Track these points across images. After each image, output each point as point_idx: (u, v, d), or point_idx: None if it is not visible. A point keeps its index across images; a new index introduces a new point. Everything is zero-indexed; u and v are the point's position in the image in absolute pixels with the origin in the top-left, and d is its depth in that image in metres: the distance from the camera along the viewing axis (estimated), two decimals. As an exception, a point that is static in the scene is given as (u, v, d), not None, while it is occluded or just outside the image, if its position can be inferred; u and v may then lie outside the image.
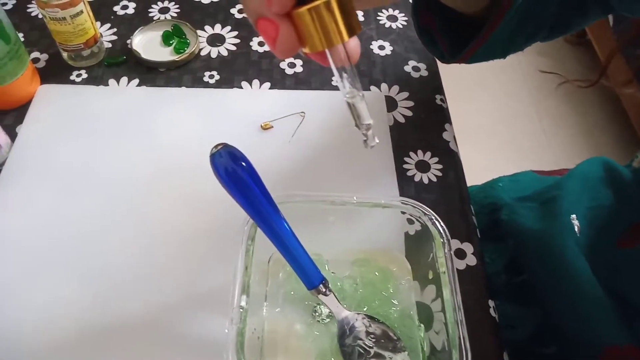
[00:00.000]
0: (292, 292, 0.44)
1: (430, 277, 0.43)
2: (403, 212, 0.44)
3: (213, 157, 0.36)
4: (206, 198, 0.51)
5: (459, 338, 0.36)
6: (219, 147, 0.36)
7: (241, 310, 0.37)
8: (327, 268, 0.44)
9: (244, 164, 0.36)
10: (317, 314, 0.43)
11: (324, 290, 0.40)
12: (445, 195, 0.54)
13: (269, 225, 0.37)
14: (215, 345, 0.41)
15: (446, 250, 0.40)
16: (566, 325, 0.54)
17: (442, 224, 0.42)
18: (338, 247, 0.45)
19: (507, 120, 1.63)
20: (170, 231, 0.49)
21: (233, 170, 0.36)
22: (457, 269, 0.42)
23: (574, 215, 0.57)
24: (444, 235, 0.41)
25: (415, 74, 0.65)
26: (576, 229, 0.55)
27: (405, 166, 0.56)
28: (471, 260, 0.50)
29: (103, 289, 0.45)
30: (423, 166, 0.57)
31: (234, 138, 0.47)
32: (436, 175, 0.56)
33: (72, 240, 0.47)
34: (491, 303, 0.48)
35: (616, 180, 0.59)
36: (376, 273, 0.45)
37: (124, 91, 0.59)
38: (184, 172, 0.53)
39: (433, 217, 0.42)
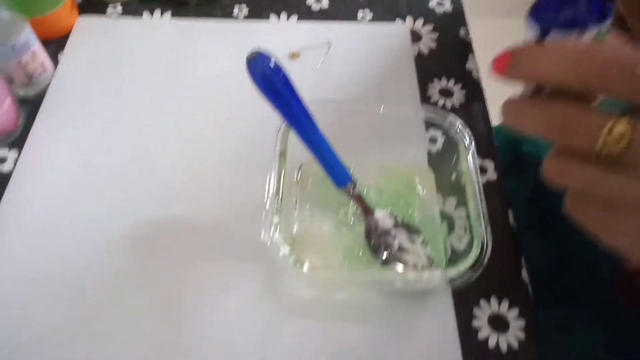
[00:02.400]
0: (320, 198, 0.46)
1: (453, 186, 0.45)
2: (429, 122, 0.45)
3: (249, 62, 0.38)
4: (239, 119, 0.53)
5: (482, 236, 0.38)
6: (254, 54, 0.38)
7: (276, 200, 0.39)
8: (353, 177, 0.47)
9: (278, 68, 0.38)
10: (343, 215, 0.45)
11: (352, 188, 0.42)
12: (470, 119, 0.56)
13: (302, 127, 0.40)
14: (253, 245, 0.44)
15: (470, 156, 0.42)
16: (585, 249, 0.56)
17: (467, 131, 0.43)
18: (364, 157, 0.47)
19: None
20: (208, 149, 0.51)
21: (268, 74, 0.38)
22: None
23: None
24: (468, 142, 0.43)
25: (439, 9, 0.66)
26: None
27: (429, 93, 0.58)
28: (492, 175, 0.51)
29: (144, 201, 0.48)
30: (447, 92, 0.58)
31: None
32: (460, 102, 0.57)
33: (114, 160, 0.51)
34: (510, 214, 0.49)
35: None
36: (400, 182, 0.47)
37: (158, 24, 0.62)
38: (218, 97, 0.55)
39: (459, 125, 0.44)
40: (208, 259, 0.44)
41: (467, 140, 0.43)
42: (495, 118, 0.59)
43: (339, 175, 0.42)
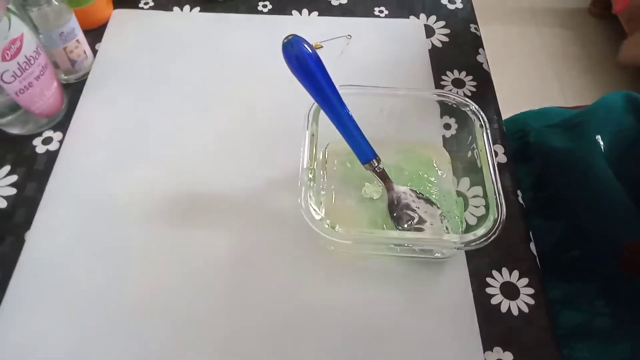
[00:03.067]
0: (344, 176, 0.50)
1: (468, 166, 0.49)
2: (445, 107, 0.49)
3: (285, 45, 0.42)
4: (270, 102, 0.57)
5: (497, 204, 0.42)
6: (290, 38, 0.42)
7: (309, 171, 0.43)
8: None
9: (311, 51, 0.42)
10: (365, 191, 0.49)
11: (376, 164, 0.46)
12: (481, 107, 0.59)
13: (332, 107, 0.44)
14: (285, 215, 0.48)
15: (485, 133, 0.46)
16: (590, 227, 0.59)
17: (482, 113, 0.47)
18: (385, 138, 0.51)
19: (529, 91, 1.64)
20: (241, 128, 0.55)
21: (302, 56, 0.42)
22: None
23: (599, 136, 0.62)
24: (483, 122, 0.47)
25: (451, 6, 0.70)
26: (601, 148, 0.60)
27: (442, 82, 0.62)
28: (502, 159, 0.55)
29: (184, 174, 0.52)
30: (459, 83, 0.62)
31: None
32: (471, 91, 0.61)
33: (151, 139, 0.54)
34: (519, 193, 0.53)
35: (638, 108, 0.63)
36: (419, 162, 0.51)
37: (188, 17, 0.66)
38: (247, 82, 0.59)
39: (474, 107, 0.48)
40: (244, 230, 0.48)
41: (482, 118, 0.47)
42: (504, 109, 0.64)
43: (364, 152, 0.45)
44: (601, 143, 0.62)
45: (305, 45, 0.42)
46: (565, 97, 1.64)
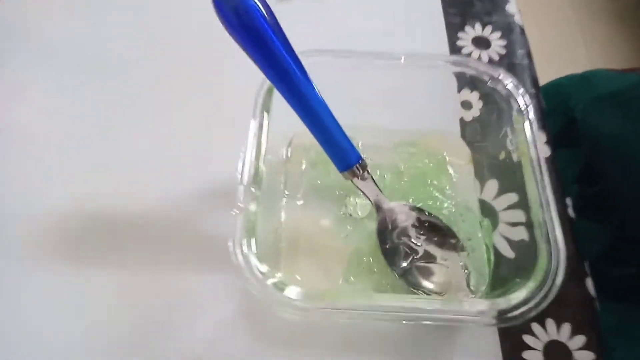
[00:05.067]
0: (319, 181, 0.35)
1: (497, 165, 0.33)
2: (465, 79, 0.33)
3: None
4: (206, 77, 0.41)
5: (550, 238, 0.27)
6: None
7: (252, 190, 0.28)
8: (362, 155, 0.35)
9: (259, 4, 0.26)
10: (349, 207, 0.34)
11: (360, 172, 0.30)
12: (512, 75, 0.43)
13: (291, 87, 0.28)
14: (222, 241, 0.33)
15: (528, 124, 0.30)
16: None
17: (521, 89, 0.31)
18: (376, 127, 0.35)
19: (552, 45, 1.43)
20: (170, 114, 0.40)
21: (244, 10, 0.25)
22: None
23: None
24: (523, 104, 0.31)
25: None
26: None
27: (459, 42, 0.45)
28: (544, 150, 0.39)
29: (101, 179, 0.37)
30: (482, 43, 0.45)
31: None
32: (500, 54, 0.45)
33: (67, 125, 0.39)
34: (569, 201, 0.38)
35: None
36: (426, 160, 0.35)
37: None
38: (179, 48, 0.43)
39: (509, 81, 0.32)
40: (164, 265, 0.33)
41: (521, 101, 0.31)
42: (542, 74, 0.47)
43: (342, 153, 0.30)
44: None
45: None
46: (588, 51, 1.42)
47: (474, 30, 0.46)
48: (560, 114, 0.53)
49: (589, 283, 0.34)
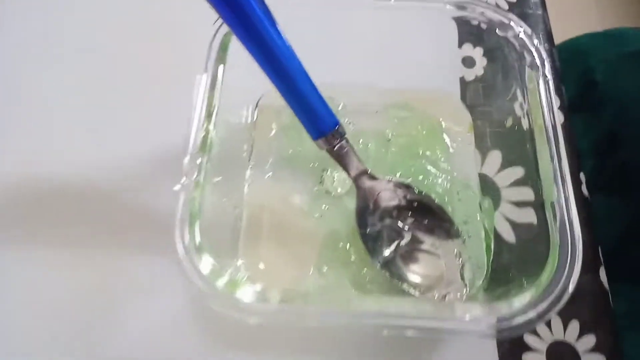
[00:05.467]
0: (290, 151, 0.29)
1: (503, 134, 0.28)
2: (467, 29, 0.27)
3: None
4: (149, 23, 0.35)
5: (562, 229, 0.21)
6: None
7: (199, 160, 0.22)
8: (343, 119, 0.29)
9: None
10: (325, 182, 0.28)
11: (337, 140, 0.25)
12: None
13: (251, 31, 0.22)
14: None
15: (542, 84, 0.24)
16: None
17: (535, 40, 0.26)
18: (360, 85, 0.30)
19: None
20: (106, 66, 0.33)
21: None
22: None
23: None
24: (538, 58, 0.25)
25: None
26: None
27: (462, -12, 0.39)
28: (558, 117, 0.34)
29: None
30: (489, -11, 0.39)
31: None
32: (509, 1, 0.38)
33: None
34: (582, 177, 0.33)
35: None
36: (419, 126, 0.29)
37: None
38: None
39: (521, 29, 0.26)
40: (101, 244, 0.28)
41: (536, 54, 0.25)
42: (558, 30, 0.41)
43: (315, 117, 0.24)
44: None
45: None
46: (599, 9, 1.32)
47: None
48: (576, 75, 0.47)
49: (603, 273, 0.29)
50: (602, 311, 0.28)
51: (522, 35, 0.26)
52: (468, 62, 0.33)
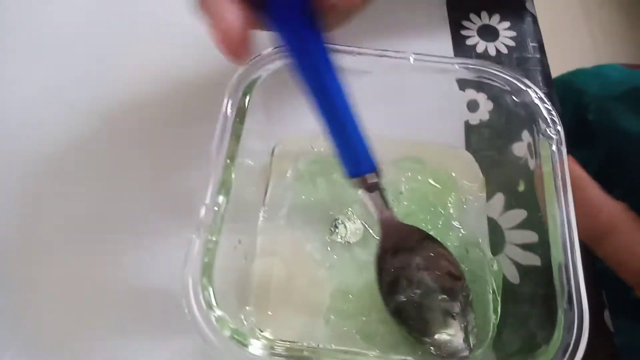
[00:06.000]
0: (303, 197, 0.29)
1: (507, 173, 0.29)
2: (484, 80, 0.28)
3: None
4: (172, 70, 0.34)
5: (570, 288, 0.22)
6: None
7: (216, 209, 0.22)
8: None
9: None
10: (337, 231, 0.29)
11: (375, 180, 0.25)
12: (522, 71, 0.38)
13: (317, 71, 0.22)
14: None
15: (557, 150, 0.25)
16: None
17: (546, 99, 0.27)
18: (375, 137, 0.30)
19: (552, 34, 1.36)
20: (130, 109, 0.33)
21: None
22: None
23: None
24: (548, 116, 0.26)
25: None
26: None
27: (463, 32, 0.40)
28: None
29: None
30: (489, 33, 0.40)
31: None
32: (507, 45, 0.40)
33: None
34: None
35: None
36: (431, 180, 0.30)
37: None
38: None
39: (532, 89, 0.27)
40: (103, 304, 0.27)
41: (549, 123, 0.26)
42: (554, 68, 0.42)
43: (356, 155, 0.25)
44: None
45: None
46: (595, 43, 1.35)
47: (480, 18, 0.41)
48: (570, 112, 0.49)
49: (607, 315, 0.30)
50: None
51: (536, 100, 0.27)
52: (472, 106, 0.34)
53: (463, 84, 0.30)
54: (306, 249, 0.28)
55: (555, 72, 0.53)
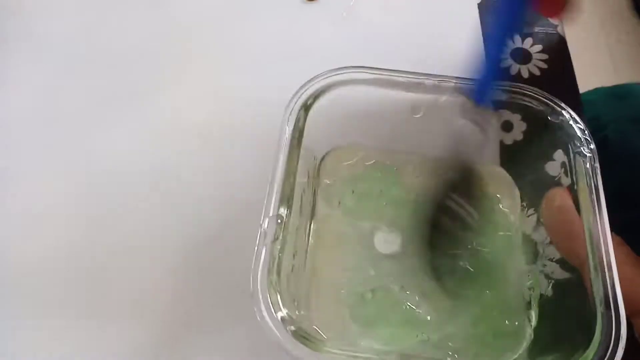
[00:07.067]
0: (346, 209, 0.31)
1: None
2: (519, 101, 0.30)
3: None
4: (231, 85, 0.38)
5: (607, 292, 0.23)
6: None
7: (279, 221, 0.24)
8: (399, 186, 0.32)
9: None
10: (377, 240, 0.31)
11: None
12: (554, 92, 0.40)
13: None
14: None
15: (588, 158, 0.27)
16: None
17: (579, 120, 0.28)
18: (411, 153, 0.32)
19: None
20: (189, 123, 0.36)
21: None
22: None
23: None
24: (582, 136, 0.28)
25: None
26: None
27: (497, 55, 0.42)
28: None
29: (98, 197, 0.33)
30: (522, 56, 0.42)
31: (268, 12, 0.41)
32: (541, 69, 0.41)
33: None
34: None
35: None
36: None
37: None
38: (207, 51, 0.39)
39: (566, 110, 0.28)
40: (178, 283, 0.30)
41: (583, 142, 0.28)
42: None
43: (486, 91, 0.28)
44: None
45: None
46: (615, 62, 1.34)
47: (513, 42, 0.43)
48: (590, 131, 0.50)
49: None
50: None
51: (570, 121, 0.28)
52: (506, 127, 0.35)
53: (498, 105, 0.32)
54: (349, 258, 0.30)
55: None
